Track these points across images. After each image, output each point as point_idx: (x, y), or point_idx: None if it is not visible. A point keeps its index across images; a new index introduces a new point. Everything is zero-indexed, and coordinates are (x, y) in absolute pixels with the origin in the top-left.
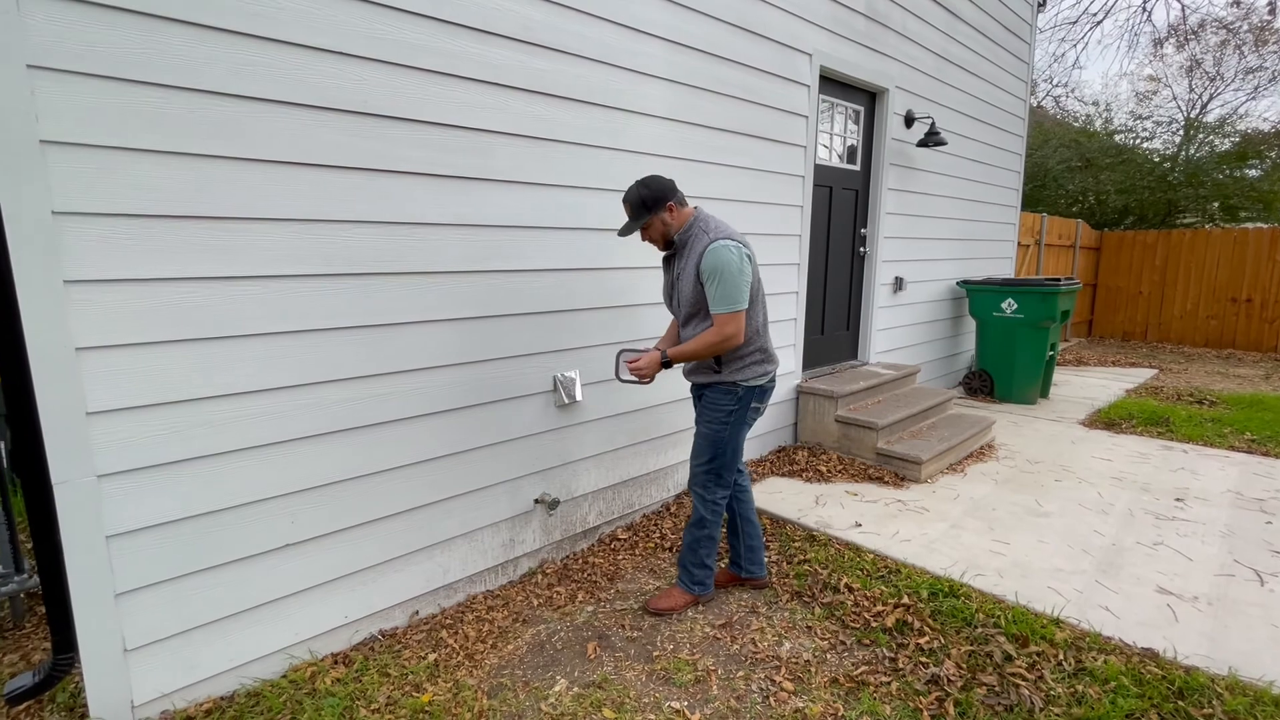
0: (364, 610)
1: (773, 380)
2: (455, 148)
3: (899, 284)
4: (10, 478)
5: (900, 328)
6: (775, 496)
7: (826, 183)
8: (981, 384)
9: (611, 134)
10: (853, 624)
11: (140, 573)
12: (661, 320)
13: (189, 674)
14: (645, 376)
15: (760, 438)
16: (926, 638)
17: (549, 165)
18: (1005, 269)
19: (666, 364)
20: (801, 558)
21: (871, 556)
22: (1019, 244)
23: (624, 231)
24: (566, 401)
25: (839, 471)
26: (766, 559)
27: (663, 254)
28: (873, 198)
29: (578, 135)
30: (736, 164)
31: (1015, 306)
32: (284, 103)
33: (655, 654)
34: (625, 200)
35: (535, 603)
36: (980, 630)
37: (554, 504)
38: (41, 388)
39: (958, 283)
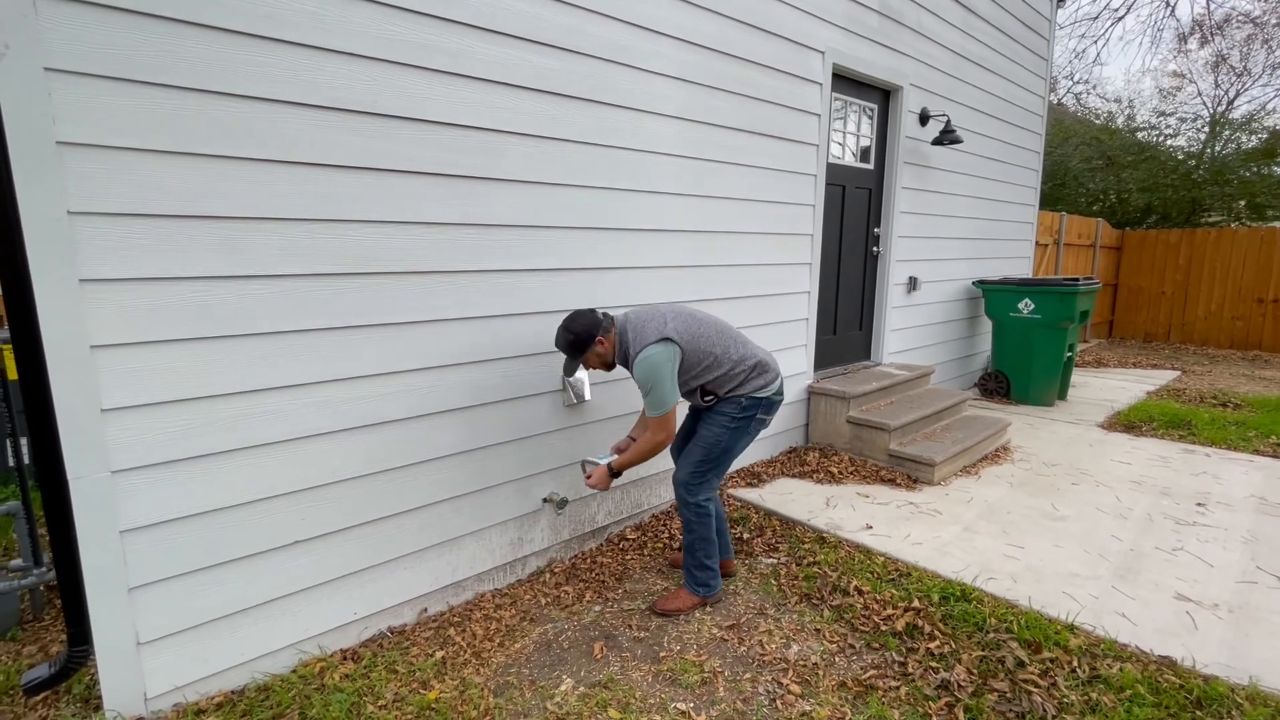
0: (373, 607)
1: (779, 392)
2: (465, 148)
3: (913, 284)
4: (31, 473)
5: (914, 328)
6: (785, 498)
7: (839, 181)
8: (998, 385)
9: (622, 133)
10: (862, 627)
11: (153, 568)
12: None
13: (201, 668)
14: (599, 489)
15: (771, 438)
16: (937, 642)
17: (560, 165)
18: (1023, 269)
19: (614, 474)
20: (811, 560)
21: (882, 559)
22: (1037, 243)
23: (567, 370)
24: (575, 401)
25: (850, 473)
26: (775, 561)
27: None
28: (887, 197)
29: (588, 134)
30: (748, 163)
31: (1033, 307)
32: (294, 103)
33: (662, 654)
34: (556, 344)
35: (543, 601)
36: (992, 635)
37: (562, 503)
38: (58, 385)
39: (974, 283)
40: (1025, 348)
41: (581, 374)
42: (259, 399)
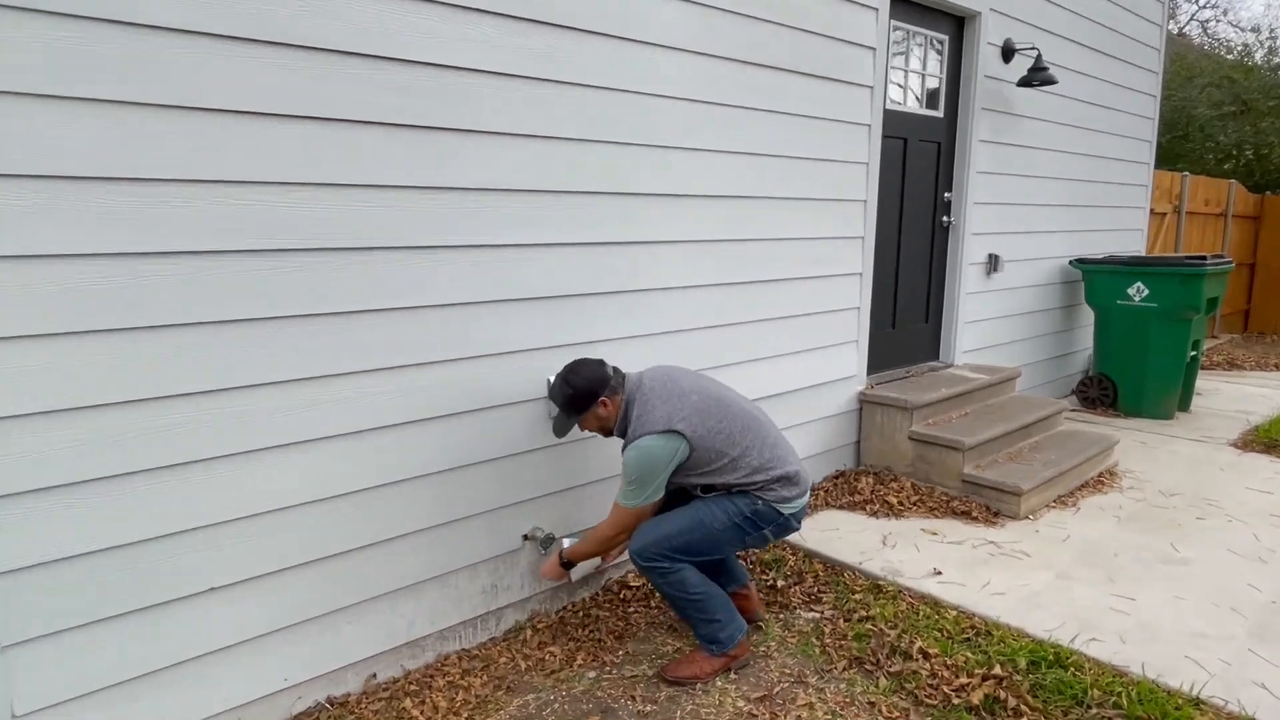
0: (308, 672)
1: (798, 517)
2: (429, 90)
3: (993, 263)
4: None
5: (994, 320)
6: (830, 535)
7: (900, 133)
8: (1101, 393)
9: (626, 71)
10: (929, 700)
11: (34, 620)
12: (687, 310)
13: None
14: (548, 578)
15: (812, 459)
16: (1025, 719)
17: (548, 114)
18: (1134, 244)
19: (566, 565)
20: (863, 614)
21: (954, 614)
22: (1152, 211)
23: (558, 429)
24: None
25: (913, 504)
26: (818, 615)
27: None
28: (960, 153)
29: (584, 74)
30: (783, 109)
31: (1146, 293)
32: (210, 35)
33: None
34: (550, 396)
35: (523, 666)
36: (1095, 711)
37: (548, 541)
38: None
39: (1071, 262)
40: (1137, 345)
41: None
42: (164, 409)
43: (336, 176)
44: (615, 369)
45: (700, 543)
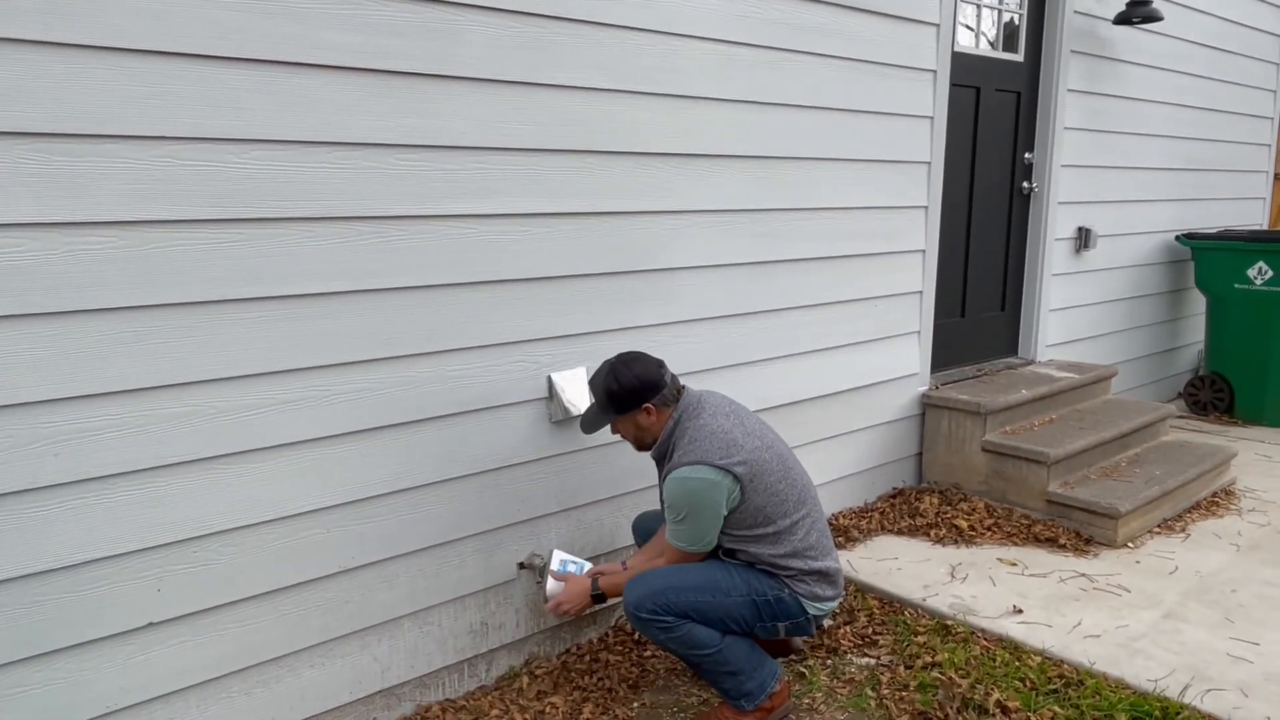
0: None
1: (819, 623)
2: (403, 28)
3: (1084, 239)
4: None
5: (1085, 307)
6: (888, 565)
7: (971, 81)
8: (1215, 395)
9: (637, 4)
10: None
11: None
12: (711, 290)
13: None
14: (568, 614)
15: (863, 475)
16: None
17: (544, 55)
18: (1253, 215)
19: (598, 597)
20: (928, 660)
21: (1039, 660)
22: (1276, 177)
23: (587, 424)
24: (566, 415)
25: (988, 528)
26: (873, 661)
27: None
28: (1044, 105)
29: (587, 6)
30: (828, 51)
31: (1270, 274)
32: None
33: None
34: (590, 386)
35: (519, 719)
36: None
37: (547, 570)
38: None
39: (1178, 237)
40: (1258, 338)
41: (574, 372)
42: (89, 410)
43: (297, 132)
44: (674, 377)
45: (706, 610)
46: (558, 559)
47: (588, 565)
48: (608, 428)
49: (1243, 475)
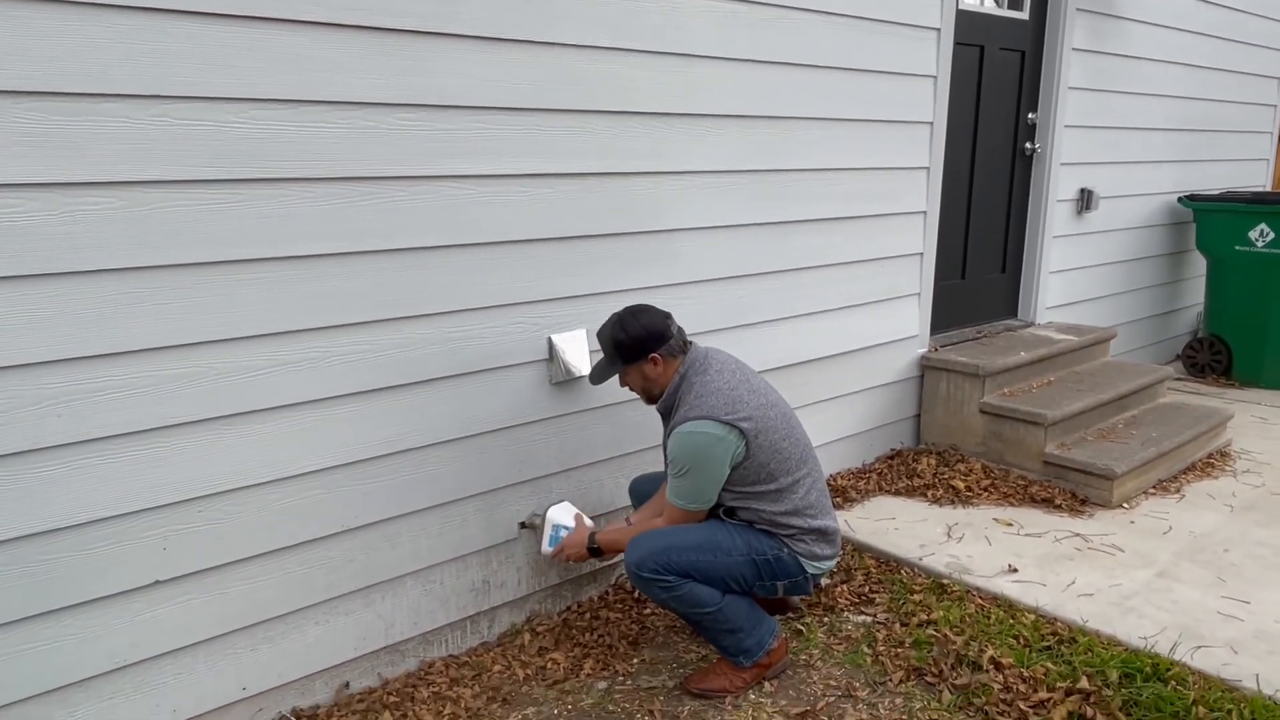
0: (270, 680)
1: (817, 581)
2: None
3: (1086, 200)
4: None
5: (1085, 269)
6: (885, 525)
7: (975, 39)
8: (1213, 358)
9: None
10: (1001, 718)
11: None
12: (711, 251)
13: None
14: (569, 561)
15: (861, 436)
16: None
17: (544, 12)
18: (1257, 177)
19: (595, 551)
20: (924, 618)
21: (1033, 618)
22: None
23: (595, 375)
24: (566, 376)
25: (984, 489)
26: (869, 619)
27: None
28: (1049, 64)
29: None
30: (827, 7)
31: (1272, 236)
32: None
33: None
34: (598, 337)
35: (521, 675)
36: None
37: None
38: None
39: (1180, 199)
40: (1258, 300)
41: (575, 334)
42: (97, 370)
43: (294, 91)
44: (681, 330)
45: (706, 569)
46: (555, 512)
47: (590, 524)
48: (616, 381)
49: (1239, 437)
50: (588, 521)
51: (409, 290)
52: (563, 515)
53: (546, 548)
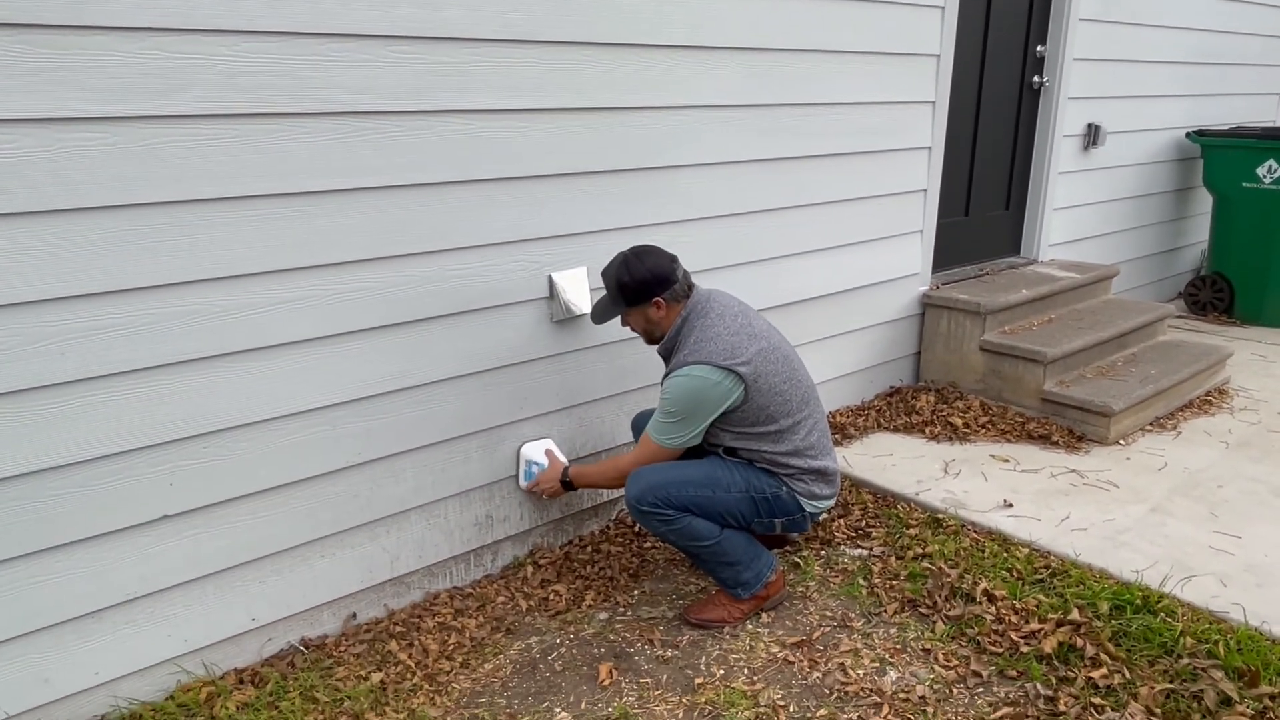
0: (278, 611)
1: (815, 519)
2: None
3: (1093, 135)
4: None
5: (1090, 206)
6: (883, 461)
7: None
8: (1215, 295)
9: None
10: (993, 648)
11: None
12: (714, 188)
13: (42, 691)
14: (544, 495)
15: (861, 374)
16: (1103, 670)
17: None
18: (1268, 112)
19: (568, 484)
20: (919, 551)
21: (1026, 552)
22: None
23: (598, 314)
24: (567, 315)
25: (982, 426)
26: (865, 552)
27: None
28: None
29: None
30: None
31: None
32: None
33: (699, 682)
34: (603, 276)
35: (524, 606)
36: (1186, 662)
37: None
38: None
39: (1188, 134)
40: (1262, 238)
41: (576, 271)
42: (97, 309)
43: (288, 23)
44: (686, 273)
45: (705, 504)
46: (536, 447)
47: (564, 461)
48: (618, 321)
49: (1238, 375)
50: (560, 457)
51: (408, 227)
52: (534, 452)
53: (522, 482)
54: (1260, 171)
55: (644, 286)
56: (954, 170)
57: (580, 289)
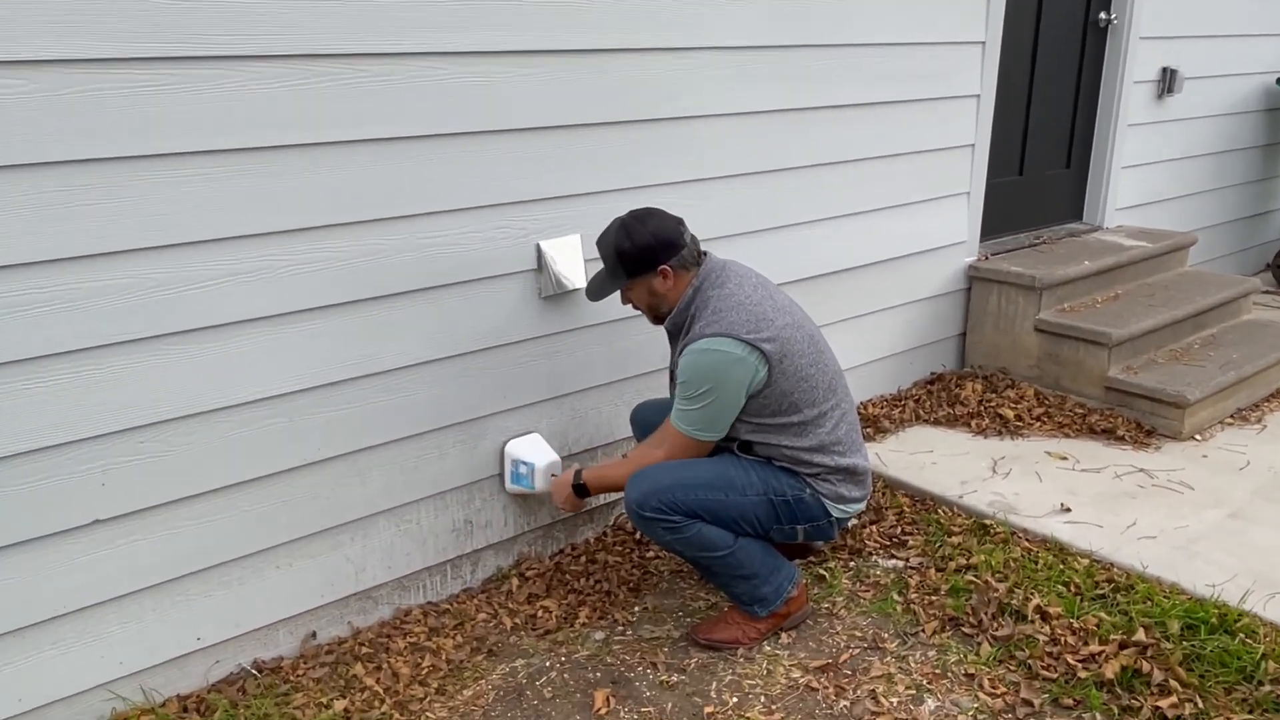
0: (227, 630)
1: (842, 526)
2: None
3: (1168, 81)
4: None
5: (1164, 164)
6: (921, 459)
7: None
8: None
9: None
10: (1046, 672)
11: None
12: (728, 143)
13: None
14: (560, 508)
15: (897, 358)
16: (1173, 699)
17: None
18: None
19: (582, 490)
20: (963, 562)
21: (1086, 563)
22: None
23: (593, 292)
24: (558, 290)
25: (1037, 418)
26: (900, 563)
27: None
28: None
29: None
30: None
31: None
32: None
33: (709, 711)
34: (599, 245)
35: (509, 624)
36: (1269, 689)
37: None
38: None
39: (1278, 80)
40: None
41: (568, 241)
42: (15, 281)
43: None
44: (694, 237)
45: (717, 508)
46: (525, 447)
47: (545, 461)
48: (617, 296)
49: None
50: (551, 453)
51: (377, 188)
52: (521, 449)
53: (510, 484)
54: None
55: (648, 253)
56: (1006, 122)
57: (573, 260)
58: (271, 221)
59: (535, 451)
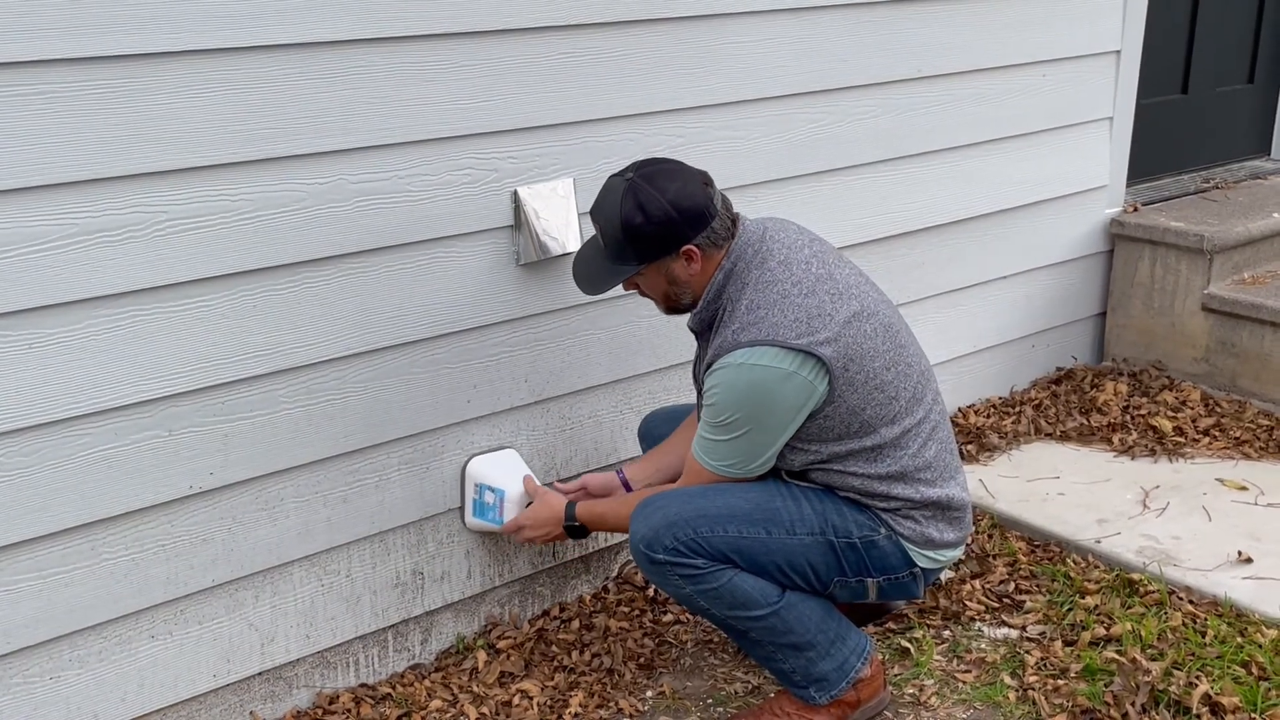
0: None
1: (932, 578)
2: None
3: None
4: None
5: None
6: (1043, 488)
7: None
8: None
9: None
10: None
11: None
12: (774, 52)
13: None
14: (532, 542)
15: (1009, 347)
16: None
17: None
18: None
19: (575, 529)
20: (1100, 632)
21: (1274, 635)
22: None
23: (589, 282)
24: (542, 255)
25: (1205, 432)
26: (1015, 631)
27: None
28: None
29: None
30: None
31: None
32: None
33: None
34: (595, 216)
35: (474, 715)
36: None
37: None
38: None
39: None
40: None
41: (557, 186)
42: None
43: None
44: (726, 200)
45: (755, 551)
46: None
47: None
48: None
49: None
50: (534, 481)
51: (287, 114)
52: (486, 469)
53: (472, 517)
54: None
55: (669, 229)
56: (1164, 20)
57: (563, 213)
58: (147, 158)
59: (507, 474)
